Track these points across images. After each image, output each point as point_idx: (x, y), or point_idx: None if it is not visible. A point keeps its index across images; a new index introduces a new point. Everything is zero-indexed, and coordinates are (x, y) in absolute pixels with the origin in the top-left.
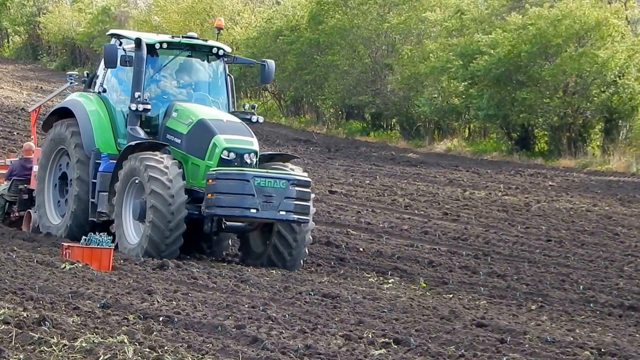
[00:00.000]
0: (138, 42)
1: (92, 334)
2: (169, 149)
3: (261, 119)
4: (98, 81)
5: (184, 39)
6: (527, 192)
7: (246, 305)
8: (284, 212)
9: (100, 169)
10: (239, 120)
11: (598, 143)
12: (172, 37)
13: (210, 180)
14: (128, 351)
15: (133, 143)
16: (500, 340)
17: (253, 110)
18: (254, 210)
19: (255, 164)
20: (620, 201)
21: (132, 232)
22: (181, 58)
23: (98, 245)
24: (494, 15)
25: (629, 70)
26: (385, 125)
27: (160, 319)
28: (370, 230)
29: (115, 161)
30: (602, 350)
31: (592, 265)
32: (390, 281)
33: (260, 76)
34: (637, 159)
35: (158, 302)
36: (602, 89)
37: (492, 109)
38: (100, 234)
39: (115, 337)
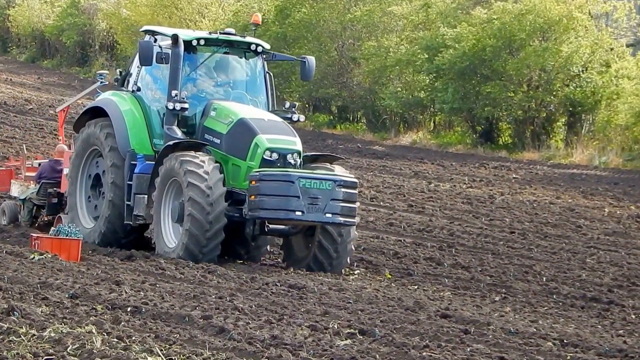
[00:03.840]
0: (175, 38)
1: (61, 324)
2: (208, 149)
3: (302, 118)
4: (132, 79)
5: (222, 35)
6: (491, 185)
7: (213, 296)
8: (330, 215)
9: (137, 170)
10: (280, 119)
11: (561, 136)
12: (210, 33)
13: (253, 182)
14: (96, 341)
15: (171, 143)
16: (464, 331)
17: (294, 109)
18: (299, 213)
19: (300, 164)
20: (583, 194)
21: (170, 235)
22: (218, 55)
23: (67, 236)
24: (459, 9)
25: (592, 65)
26: (351, 118)
27: (128, 309)
28: None
29: (151, 162)
30: (565, 341)
31: (555, 257)
32: (355, 272)
33: (300, 73)
34: (600, 152)
35: (126, 292)
36: (566, 83)
37: (457, 103)
38: (69, 225)
39: (84, 327)
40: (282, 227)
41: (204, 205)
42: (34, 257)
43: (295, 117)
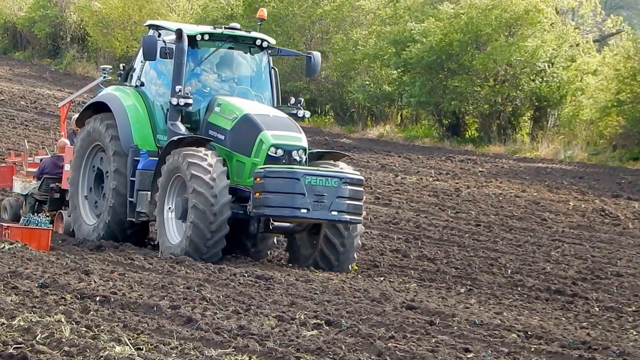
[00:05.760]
0: (179, 33)
1: (30, 313)
2: (213, 145)
3: (307, 114)
4: (135, 74)
5: (227, 29)
6: (458, 178)
7: (181, 286)
8: (335, 213)
9: (140, 166)
10: (285, 116)
11: (527, 130)
12: (214, 27)
13: (258, 179)
14: (65, 330)
15: (176, 138)
16: (430, 323)
17: (299, 105)
18: (305, 210)
19: (305, 161)
20: (548, 187)
21: (174, 231)
22: (222, 50)
23: (37, 226)
24: (427, 4)
25: (558, 60)
26: (319, 111)
27: (97, 298)
28: None
29: (154, 158)
30: (529, 332)
31: (520, 250)
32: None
33: (305, 68)
34: (565, 146)
35: (95, 282)
36: (532, 78)
37: (424, 96)
38: (39, 214)
39: (53, 316)
40: (287, 224)
41: (208, 196)
42: (4, 247)
43: (300, 113)
